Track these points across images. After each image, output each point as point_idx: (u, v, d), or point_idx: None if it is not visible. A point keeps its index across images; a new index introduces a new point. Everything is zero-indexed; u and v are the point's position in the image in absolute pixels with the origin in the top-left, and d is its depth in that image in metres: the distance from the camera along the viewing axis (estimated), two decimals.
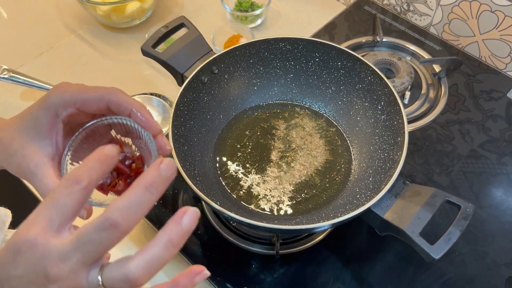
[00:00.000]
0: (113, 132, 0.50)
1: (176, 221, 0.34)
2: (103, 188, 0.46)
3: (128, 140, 0.50)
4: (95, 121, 0.47)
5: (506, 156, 0.82)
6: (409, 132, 0.63)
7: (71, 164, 0.47)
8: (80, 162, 0.49)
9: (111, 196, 0.46)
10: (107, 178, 0.46)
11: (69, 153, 0.46)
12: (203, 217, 0.73)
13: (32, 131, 0.47)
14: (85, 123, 0.47)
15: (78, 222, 0.37)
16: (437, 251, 0.54)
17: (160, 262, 0.34)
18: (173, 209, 0.74)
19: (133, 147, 0.50)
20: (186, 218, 0.35)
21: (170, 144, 0.49)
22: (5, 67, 0.89)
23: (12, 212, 0.65)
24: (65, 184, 0.34)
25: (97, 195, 0.46)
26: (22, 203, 0.80)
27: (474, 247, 0.71)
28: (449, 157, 0.82)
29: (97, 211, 0.37)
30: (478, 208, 0.75)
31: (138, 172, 0.47)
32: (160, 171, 0.34)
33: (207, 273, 0.37)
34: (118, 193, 0.46)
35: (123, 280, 0.33)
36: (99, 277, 0.34)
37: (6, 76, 0.88)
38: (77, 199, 0.34)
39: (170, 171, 0.35)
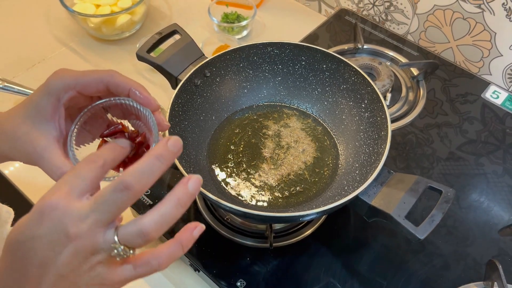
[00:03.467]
0: (109, 116, 0.52)
1: (183, 184, 0.39)
2: None
3: (125, 123, 0.52)
4: (97, 102, 0.48)
5: (483, 156, 0.86)
6: (390, 136, 0.66)
7: (76, 149, 0.48)
8: (84, 144, 0.51)
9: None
10: None
11: (74, 134, 0.48)
12: (198, 214, 0.76)
13: (36, 116, 0.48)
14: (83, 107, 0.49)
15: None
16: (422, 232, 0.58)
17: (170, 219, 0.38)
18: None
19: (130, 127, 0.52)
20: (192, 182, 0.39)
21: (167, 121, 0.51)
22: None
23: (14, 210, 0.67)
24: (85, 161, 0.40)
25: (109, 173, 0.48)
26: (24, 203, 0.82)
27: (455, 247, 0.74)
28: (429, 160, 0.85)
29: None
30: (458, 208, 0.79)
31: (142, 148, 0.49)
32: (167, 146, 0.39)
33: (203, 226, 0.41)
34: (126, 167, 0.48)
35: (137, 234, 0.37)
36: (115, 235, 0.37)
37: (0, 85, 0.90)
38: (95, 174, 0.39)
39: (176, 146, 0.40)
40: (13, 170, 0.87)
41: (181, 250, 0.40)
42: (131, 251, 0.38)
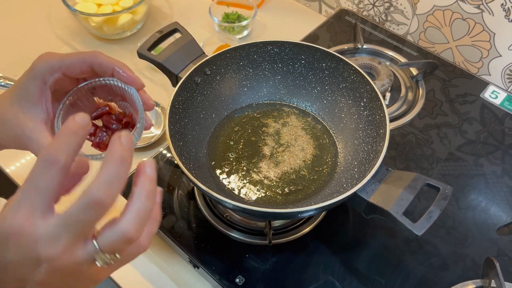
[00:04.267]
0: (96, 99, 0.53)
1: (143, 174, 0.38)
2: (100, 145, 0.49)
3: (112, 104, 0.53)
4: (82, 84, 0.49)
5: (482, 157, 0.86)
6: (389, 137, 0.66)
7: None
8: None
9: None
10: (103, 136, 0.49)
11: (60, 117, 0.48)
12: (198, 211, 0.76)
13: (23, 100, 0.49)
14: (71, 90, 0.49)
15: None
16: (419, 228, 0.58)
17: (147, 212, 0.37)
18: (169, 207, 0.77)
19: (117, 108, 0.52)
20: (148, 168, 0.39)
21: (152, 100, 0.51)
22: (1, 74, 0.92)
23: None
24: (43, 166, 0.35)
25: (90, 150, 0.47)
26: None
27: (453, 247, 0.75)
28: (428, 161, 0.86)
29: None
30: (457, 209, 0.79)
31: (128, 128, 0.50)
32: (124, 145, 0.36)
33: (159, 188, 0.40)
34: None
35: (121, 240, 0.36)
36: (96, 245, 0.36)
37: (2, 83, 0.91)
38: (57, 180, 0.35)
39: (130, 141, 0.37)
40: (14, 170, 0.88)
41: (156, 224, 0.40)
42: (118, 256, 0.37)
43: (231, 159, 0.76)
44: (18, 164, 0.88)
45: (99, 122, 0.51)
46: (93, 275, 0.38)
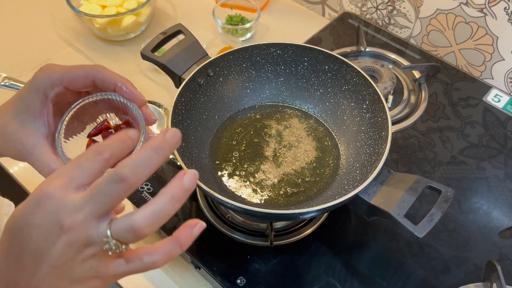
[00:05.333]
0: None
1: (178, 179, 0.38)
2: None
3: (114, 116, 0.53)
4: (82, 99, 0.49)
5: (484, 161, 0.86)
6: (392, 140, 0.66)
7: (65, 141, 0.49)
8: (73, 136, 0.51)
9: None
10: None
11: (62, 131, 0.48)
12: (200, 212, 0.77)
13: (25, 113, 0.48)
14: (72, 102, 0.49)
15: None
16: (420, 230, 0.58)
17: (164, 215, 0.37)
18: None
19: (117, 119, 0.52)
20: (187, 177, 0.38)
21: (155, 115, 0.51)
22: (5, 75, 0.92)
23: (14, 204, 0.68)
24: (89, 153, 0.38)
25: None
26: (23, 197, 0.83)
27: (455, 250, 0.75)
28: (430, 164, 0.86)
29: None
30: (459, 212, 0.79)
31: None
32: (166, 137, 0.38)
33: (203, 224, 0.40)
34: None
35: (128, 230, 0.36)
36: (108, 229, 0.36)
37: (7, 83, 0.92)
38: (98, 166, 0.38)
39: (175, 138, 0.38)
40: (17, 170, 0.88)
41: (179, 249, 0.39)
42: (123, 246, 0.37)
43: (234, 160, 0.76)
44: (22, 165, 0.89)
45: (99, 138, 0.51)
46: (100, 268, 0.38)
